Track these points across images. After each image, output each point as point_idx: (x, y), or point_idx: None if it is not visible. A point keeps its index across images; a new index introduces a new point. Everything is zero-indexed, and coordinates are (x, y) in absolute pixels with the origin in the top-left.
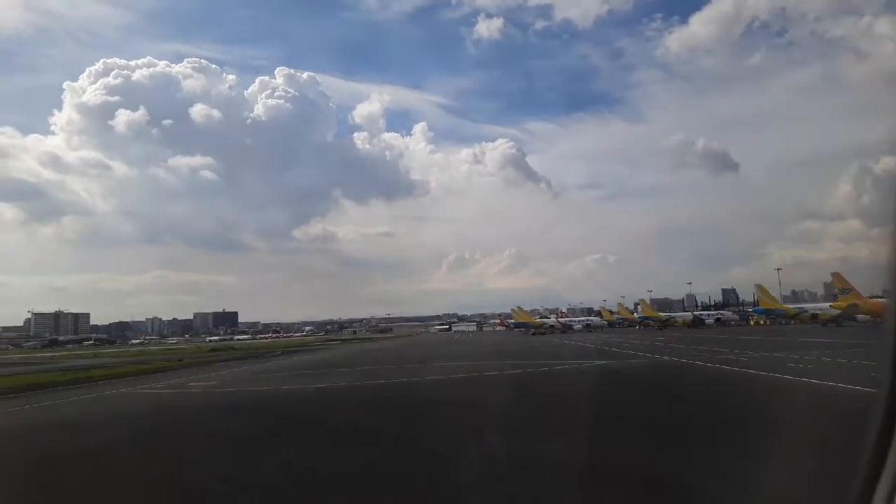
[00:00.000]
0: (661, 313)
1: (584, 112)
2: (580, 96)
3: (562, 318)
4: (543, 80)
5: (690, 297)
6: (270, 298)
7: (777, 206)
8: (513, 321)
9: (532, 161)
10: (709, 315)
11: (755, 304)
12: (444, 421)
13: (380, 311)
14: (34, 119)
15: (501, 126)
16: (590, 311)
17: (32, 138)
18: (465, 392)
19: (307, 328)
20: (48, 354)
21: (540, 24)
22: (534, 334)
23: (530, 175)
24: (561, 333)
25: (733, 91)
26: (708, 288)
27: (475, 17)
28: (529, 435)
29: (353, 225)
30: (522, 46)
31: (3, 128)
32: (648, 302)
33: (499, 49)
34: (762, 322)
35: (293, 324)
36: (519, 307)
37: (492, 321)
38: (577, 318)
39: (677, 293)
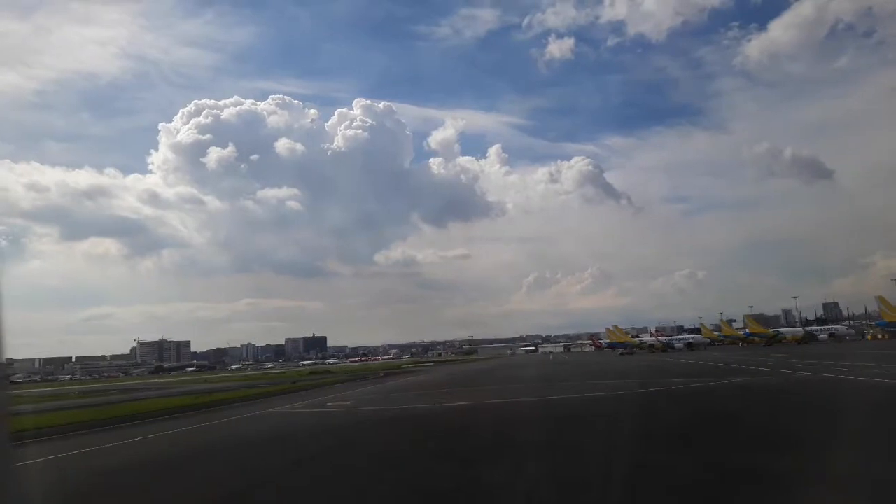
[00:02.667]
0: (769, 329)
1: (664, 124)
2: (659, 109)
3: (655, 336)
4: (619, 94)
5: (788, 312)
6: (355, 322)
7: (880, 213)
8: (607, 340)
9: (611, 177)
10: (821, 330)
11: (867, 316)
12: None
13: (461, 334)
14: (134, 159)
15: (577, 143)
16: (680, 329)
17: (132, 177)
18: (662, 408)
19: (392, 351)
20: (163, 380)
21: (612, 41)
22: (622, 354)
23: (610, 191)
24: (661, 353)
25: (821, 95)
26: (806, 302)
27: (546, 37)
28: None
29: (432, 248)
30: (595, 63)
31: (107, 169)
32: (750, 317)
33: (571, 67)
34: (881, 336)
35: (378, 347)
36: (615, 326)
37: (579, 341)
38: (677, 337)
39: (771, 308)
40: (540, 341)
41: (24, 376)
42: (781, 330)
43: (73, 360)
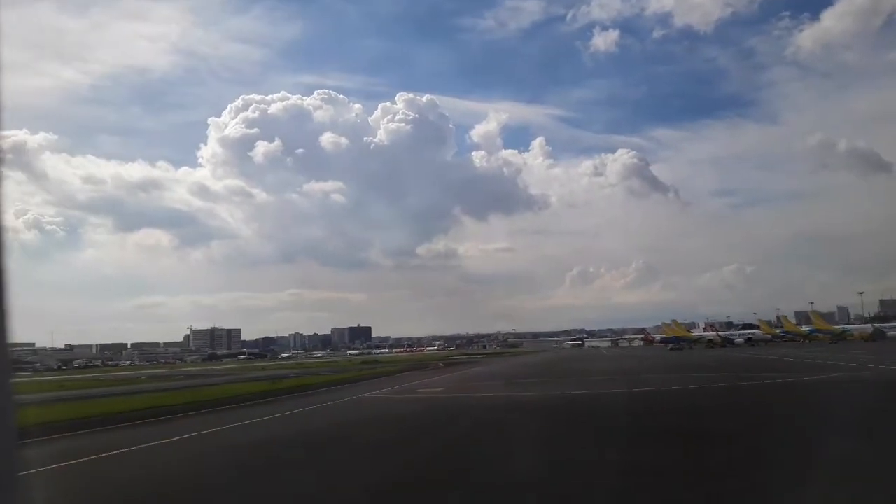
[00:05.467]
0: (834, 326)
1: (713, 117)
2: (708, 100)
3: (714, 331)
4: (666, 86)
5: (843, 309)
6: (397, 314)
7: None
8: (662, 335)
9: (657, 170)
10: (891, 327)
11: None
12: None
13: (503, 327)
14: (184, 153)
15: (623, 135)
16: (730, 325)
17: (183, 171)
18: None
19: (436, 342)
20: (220, 367)
21: (658, 33)
22: (671, 349)
23: (656, 185)
24: (721, 348)
25: (878, 86)
26: (861, 299)
27: (591, 30)
28: None
29: (474, 241)
30: (641, 55)
31: (159, 162)
32: (815, 313)
33: (617, 59)
34: None
35: (422, 338)
36: (673, 321)
37: (626, 336)
38: (736, 332)
39: (825, 305)
40: (585, 335)
41: (84, 362)
42: (849, 327)
43: (129, 346)
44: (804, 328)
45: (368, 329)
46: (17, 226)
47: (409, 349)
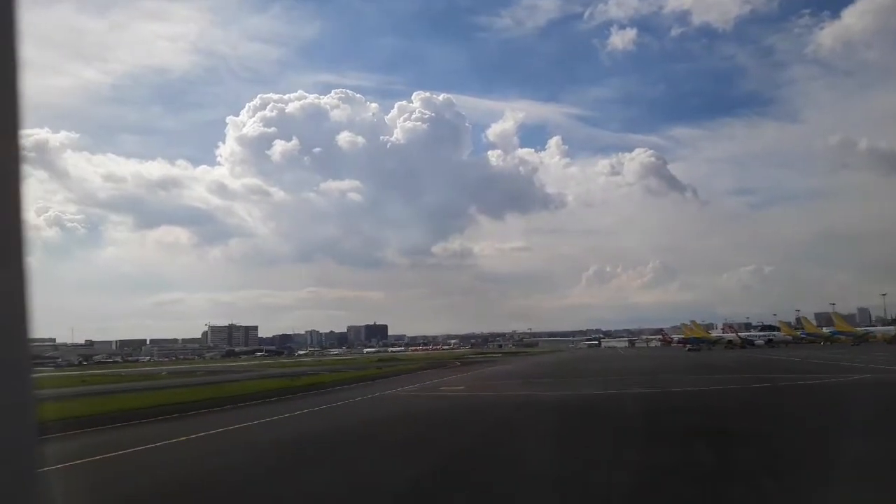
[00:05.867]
0: (856, 328)
1: (732, 115)
2: (726, 98)
3: (734, 332)
4: (684, 84)
5: (864, 310)
6: (413, 312)
7: None
8: (681, 336)
9: (675, 169)
10: None
11: None
12: None
13: (518, 326)
14: (203, 151)
15: (640, 134)
16: (748, 326)
17: (201, 169)
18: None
19: (452, 341)
20: (240, 364)
21: (676, 31)
22: (690, 350)
23: (673, 184)
24: (741, 349)
25: None
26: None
27: (608, 28)
28: None
29: (490, 240)
30: (659, 53)
31: (178, 161)
32: (838, 315)
33: (634, 58)
34: None
35: (437, 336)
36: (692, 321)
37: (642, 336)
38: (756, 333)
39: (844, 307)
40: (601, 335)
41: (104, 357)
42: (871, 328)
43: (148, 342)
44: (825, 330)
45: (385, 327)
46: (38, 223)
47: (424, 348)
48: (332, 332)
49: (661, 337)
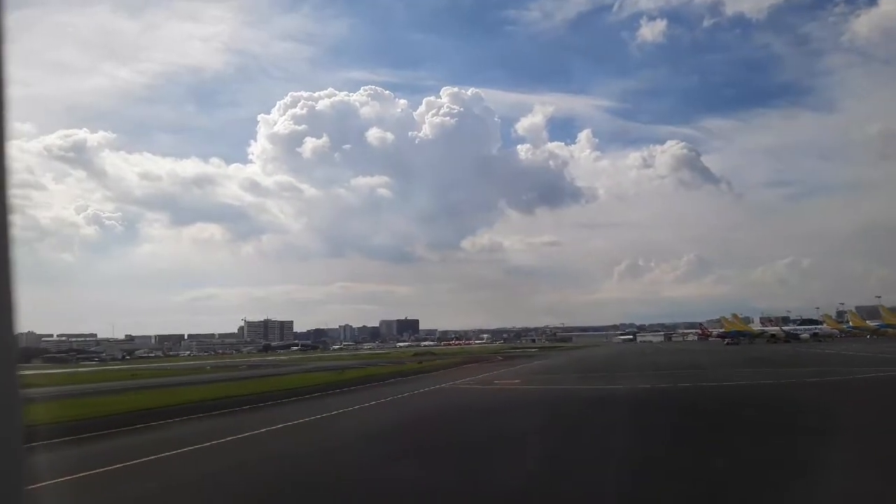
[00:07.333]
0: None
1: (767, 105)
2: (761, 88)
3: (766, 326)
4: (718, 75)
5: None
6: (443, 307)
7: None
8: (722, 329)
9: (708, 161)
10: None
11: None
12: None
13: (550, 321)
14: (235, 149)
15: (673, 126)
16: (786, 321)
17: (234, 167)
18: None
19: (484, 336)
20: (278, 358)
21: (708, 21)
22: (728, 344)
23: (707, 176)
24: (784, 343)
25: None
26: None
27: (638, 20)
28: None
29: (519, 235)
30: (691, 44)
31: (212, 159)
32: (886, 308)
33: (666, 49)
34: None
35: (468, 331)
36: (733, 314)
37: (679, 330)
38: (801, 327)
39: (887, 300)
40: (635, 330)
41: (146, 352)
42: None
43: (186, 337)
44: (871, 323)
45: (416, 322)
46: (77, 221)
47: (457, 342)
48: (364, 326)
49: (698, 331)
